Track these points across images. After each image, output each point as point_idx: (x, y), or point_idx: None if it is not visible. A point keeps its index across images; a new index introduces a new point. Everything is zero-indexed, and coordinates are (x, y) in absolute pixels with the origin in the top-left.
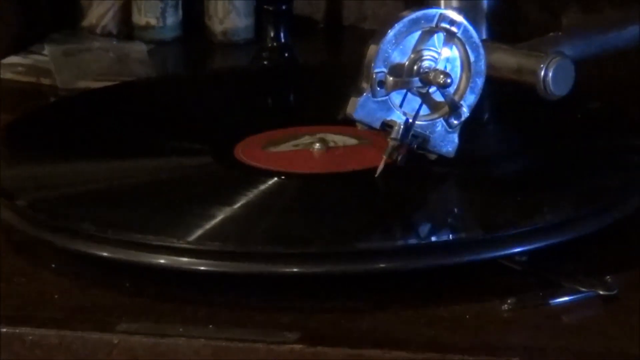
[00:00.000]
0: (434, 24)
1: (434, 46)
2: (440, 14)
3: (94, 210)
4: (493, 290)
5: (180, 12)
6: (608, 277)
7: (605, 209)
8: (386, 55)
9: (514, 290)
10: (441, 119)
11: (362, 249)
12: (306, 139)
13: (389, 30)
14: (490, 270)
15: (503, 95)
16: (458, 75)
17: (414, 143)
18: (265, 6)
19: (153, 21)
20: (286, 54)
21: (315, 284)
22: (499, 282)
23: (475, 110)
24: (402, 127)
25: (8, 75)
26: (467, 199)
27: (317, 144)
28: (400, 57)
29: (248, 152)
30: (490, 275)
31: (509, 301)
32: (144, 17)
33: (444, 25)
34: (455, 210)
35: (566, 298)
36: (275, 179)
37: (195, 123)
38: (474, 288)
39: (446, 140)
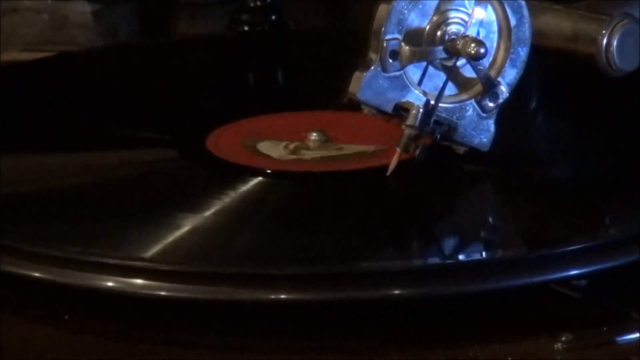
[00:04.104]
0: None
1: (464, 6)
2: None
3: (21, 217)
4: (543, 325)
5: None
6: None
7: None
8: (401, 17)
9: (570, 324)
10: (472, 100)
11: (371, 270)
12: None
13: None
14: (539, 298)
15: (554, 70)
16: (494, 43)
17: (436, 132)
18: None
19: None
20: (273, 17)
21: (310, 316)
22: (550, 313)
23: (517, 89)
24: (421, 111)
25: None
26: (507, 207)
27: (314, 134)
28: (420, 20)
29: (224, 144)
30: (539, 305)
31: (563, 338)
32: None
33: None
34: (492, 220)
35: (637, 334)
36: (260, 178)
37: (155, 106)
38: (518, 321)
39: (479, 128)
